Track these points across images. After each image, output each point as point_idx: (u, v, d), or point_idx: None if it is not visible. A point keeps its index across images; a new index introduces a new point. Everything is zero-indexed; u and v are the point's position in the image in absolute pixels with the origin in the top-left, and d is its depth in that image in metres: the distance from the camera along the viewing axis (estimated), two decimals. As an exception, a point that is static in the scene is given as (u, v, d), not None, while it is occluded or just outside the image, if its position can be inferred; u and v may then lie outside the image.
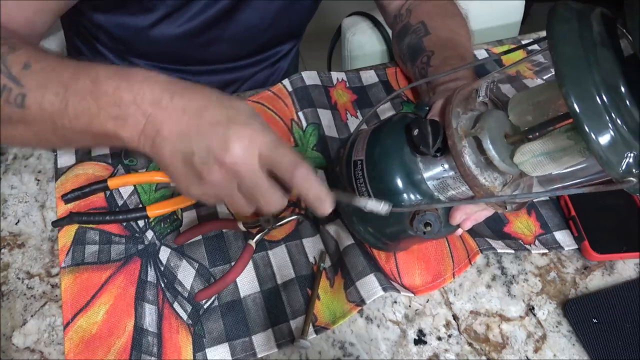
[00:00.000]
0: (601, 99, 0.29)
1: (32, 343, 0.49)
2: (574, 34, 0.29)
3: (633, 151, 0.29)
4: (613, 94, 0.29)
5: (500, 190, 0.41)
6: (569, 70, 0.29)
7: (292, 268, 0.54)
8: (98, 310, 0.50)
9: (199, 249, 0.55)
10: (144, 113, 0.36)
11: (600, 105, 0.28)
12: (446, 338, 0.51)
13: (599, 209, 0.58)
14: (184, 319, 0.51)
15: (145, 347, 0.49)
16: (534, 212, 0.60)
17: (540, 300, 0.53)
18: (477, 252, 0.54)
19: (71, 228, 0.55)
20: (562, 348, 0.50)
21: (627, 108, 0.29)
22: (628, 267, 0.56)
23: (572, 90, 0.29)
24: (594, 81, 0.28)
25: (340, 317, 0.50)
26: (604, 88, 0.28)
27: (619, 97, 0.29)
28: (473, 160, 0.40)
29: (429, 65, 0.60)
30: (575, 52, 0.29)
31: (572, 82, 0.29)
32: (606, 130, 0.28)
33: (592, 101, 0.29)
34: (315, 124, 0.65)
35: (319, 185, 0.36)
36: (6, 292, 0.52)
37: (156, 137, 0.36)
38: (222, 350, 0.49)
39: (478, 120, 0.41)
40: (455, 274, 0.54)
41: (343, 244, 0.53)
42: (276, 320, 0.51)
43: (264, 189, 0.37)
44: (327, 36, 1.00)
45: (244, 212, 0.40)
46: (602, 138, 0.29)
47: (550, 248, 0.57)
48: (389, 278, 0.52)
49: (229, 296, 0.52)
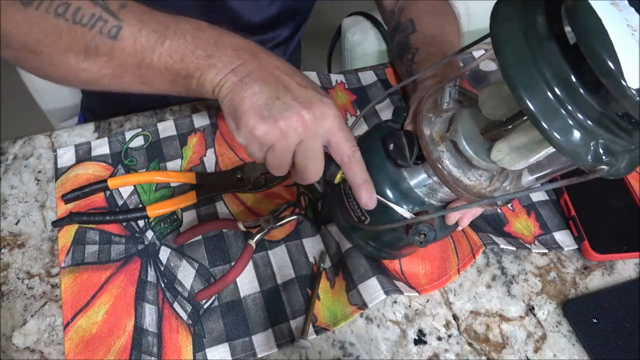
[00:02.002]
0: (554, 95, 0.28)
1: (32, 343, 0.49)
2: (517, 33, 0.29)
3: (598, 139, 0.28)
4: (566, 87, 0.28)
5: (488, 185, 0.41)
6: (517, 72, 0.28)
7: (292, 268, 0.54)
8: (98, 310, 0.50)
9: (199, 249, 0.55)
10: (239, 56, 0.40)
11: (554, 101, 0.28)
12: (446, 338, 0.51)
13: (599, 209, 0.58)
14: (184, 319, 0.51)
15: (145, 347, 0.49)
16: (533, 213, 0.60)
17: (540, 300, 0.53)
18: (480, 246, 0.54)
19: (71, 228, 0.55)
20: (562, 348, 0.50)
21: (583, 98, 0.28)
22: (628, 267, 0.56)
23: (524, 92, 0.28)
24: (543, 78, 0.28)
25: (341, 319, 0.50)
26: (555, 83, 0.28)
27: (572, 89, 0.28)
28: (454, 163, 0.40)
29: (414, 63, 0.60)
30: (520, 52, 0.28)
31: (522, 83, 0.28)
32: (566, 125, 0.28)
33: (546, 99, 0.28)
34: None
35: (367, 175, 0.41)
36: (6, 292, 0.52)
37: (246, 77, 0.39)
38: (222, 350, 0.49)
39: (452, 122, 0.41)
40: (460, 270, 0.54)
41: (345, 245, 0.53)
42: (276, 320, 0.51)
43: (318, 157, 0.40)
44: (327, 36, 1.00)
45: (280, 172, 0.42)
46: (563, 134, 0.28)
47: (550, 248, 0.57)
48: (393, 277, 0.53)
49: (229, 296, 0.52)
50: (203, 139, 0.64)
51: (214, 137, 0.64)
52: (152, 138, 0.64)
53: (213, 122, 0.66)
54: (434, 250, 0.55)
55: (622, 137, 0.28)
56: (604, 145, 0.28)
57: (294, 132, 0.38)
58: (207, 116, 0.66)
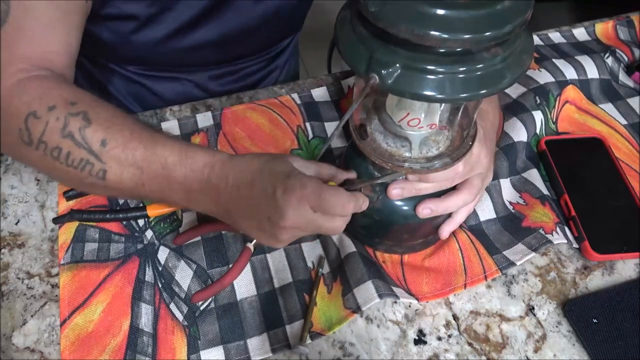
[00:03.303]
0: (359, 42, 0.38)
1: (32, 343, 0.49)
2: (348, 31, 0.39)
3: (373, 54, 0.37)
4: (363, 39, 0.38)
5: (412, 149, 0.46)
6: (349, 53, 0.39)
7: (289, 272, 0.54)
8: (95, 309, 0.50)
9: (198, 250, 0.55)
10: (211, 199, 0.44)
11: (356, 40, 0.38)
12: (446, 338, 0.51)
13: (599, 209, 0.58)
14: (180, 320, 0.51)
15: (140, 347, 0.49)
16: (547, 203, 0.59)
17: (540, 300, 0.53)
18: (496, 271, 0.54)
19: (71, 225, 0.55)
20: (562, 348, 0.50)
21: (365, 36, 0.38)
22: (628, 267, 0.56)
23: (347, 56, 0.39)
24: (356, 41, 0.38)
25: (336, 324, 0.50)
26: (359, 39, 0.38)
27: (362, 35, 0.38)
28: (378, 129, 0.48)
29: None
30: (349, 39, 0.39)
31: (349, 56, 0.39)
32: (352, 43, 0.38)
33: (352, 41, 0.39)
34: (321, 138, 0.65)
35: (358, 206, 0.43)
36: (6, 292, 0.52)
37: (229, 216, 0.45)
38: (216, 352, 0.49)
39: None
40: (467, 285, 0.53)
41: (345, 251, 0.53)
42: (272, 325, 0.51)
43: (325, 224, 0.42)
44: (327, 36, 1.00)
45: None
46: (354, 59, 0.38)
47: (568, 239, 0.56)
48: (392, 283, 0.52)
49: (225, 299, 0.52)
50: (206, 139, 0.64)
51: (217, 138, 0.64)
52: None
53: (217, 123, 0.66)
54: (440, 262, 0.55)
55: (391, 50, 0.36)
56: (376, 58, 0.36)
57: (293, 235, 0.43)
58: (211, 117, 0.66)
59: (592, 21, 0.83)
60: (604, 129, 0.69)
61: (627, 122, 0.70)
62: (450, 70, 0.35)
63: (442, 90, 0.35)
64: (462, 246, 0.55)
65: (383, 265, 0.55)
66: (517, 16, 0.34)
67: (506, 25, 0.34)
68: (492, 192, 0.59)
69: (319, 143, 0.65)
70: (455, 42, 0.33)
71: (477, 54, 0.35)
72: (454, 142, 0.48)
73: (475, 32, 0.33)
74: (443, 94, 0.36)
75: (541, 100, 0.67)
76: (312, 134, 0.66)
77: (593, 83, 0.73)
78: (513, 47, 0.37)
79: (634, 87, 0.74)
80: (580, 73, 0.72)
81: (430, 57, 0.35)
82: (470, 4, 0.33)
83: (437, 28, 0.33)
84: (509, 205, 0.59)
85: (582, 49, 0.78)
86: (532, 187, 0.60)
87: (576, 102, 0.71)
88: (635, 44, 0.79)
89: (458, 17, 0.33)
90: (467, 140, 0.47)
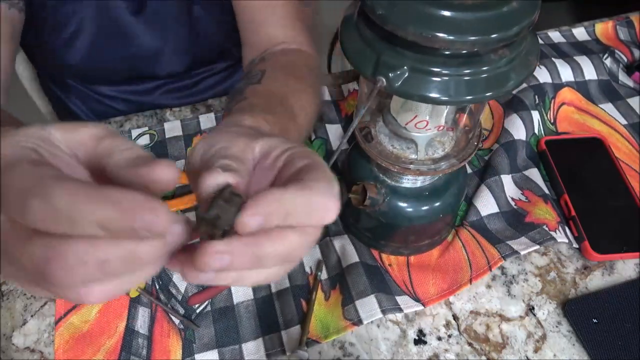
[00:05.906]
0: (365, 45, 0.38)
1: (32, 343, 0.49)
2: (354, 33, 0.39)
3: (380, 56, 0.36)
4: (369, 41, 0.38)
5: (417, 151, 0.46)
6: (355, 55, 0.39)
7: (287, 277, 0.53)
8: (91, 309, 0.50)
9: (197, 250, 0.55)
10: None
11: (362, 43, 0.38)
12: (446, 338, 0.51)
13: (599, 209, 0.58)
14: (176, 322, 0.50)
15: (134, 349, 0.48)
16: (549, 202, 0.59)
17: (540, 300, 0.53)
18: (499, 259, 0.54)
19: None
20: (562, 348, 0.50)
21: (372, 38, 0.38)
22: (628, 267, 0.56)
23: (353, 59, 0.39)
24: (362, 43, 0.38)
25: (333, 333, 0.50)
26: (365, 42, 0.38)
27: (369, 37, 0.38)
28: (386, 133, 0.48)
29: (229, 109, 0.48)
30: (355, 41, 0.39)
31: (355, 59, 0.39)
32: (358, 45, 0.38)
33: (357, 43, 0.39)
34: (323, 139, 0.65)
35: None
36: (6, 292, 0.52)
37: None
38: (211, 356, 0.49)
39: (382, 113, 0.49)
40: (472, 280, 0.53)
41: (347, 261, 0.53)
42: (268, 330, 0.50)
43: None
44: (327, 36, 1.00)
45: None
46: (360, 62, 0.38)
47: (569, 239, 0.56)
48: (397, 292, 0.52)
49: (222, 302, 0.52)
50: None
51: None
52: (157, 137, 0.64)
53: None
54: (446, 262, 0.55)
55: (398, 53, 0.36)
56: (383, 61, 0.36)
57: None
58: (214, 118, 0.66)
59: (592, 21, 0.83)
60: (603, 129, 0.69)
61: (627, 122, 0.70)
62: (457, 72, 0.35)
63: (449, 93, 0.35)
64: (464, 242, 0.56)
65: (389, 269, 0.55)
66: (525, 18, 0.34)
67: (513, 26, 0.34)
68: (493, 188, 0.59)
69: (322, 144, 0.65)
70: (463, 44, 0.33)
71: (484, 55, 0.35)
72: (459, 143, 0.48)
73: (483, 34, 0.33)
74: (450, 97, 0.35)
75: (539, 100, 0.67)
76: (313, 134, 0.66)
77: (591, 84, 0.73)
78: (520, 48, 0.37)
79: (633, 87, 0.74)
80: (577, 74, 0.72)
81: (438, 59, 0.35)
82: (477, 5, 0.33)
83: (445, 30, 0.33)
84: (511, 202, 0.59)
85: (582, 49, 0.78)
86: (534, 185, 0.60)
87: (574, 103, 0.71)
88: (635, 44, 0.79)
89: (466, 19, 0.33)
90: (472, 140, 0.47)
